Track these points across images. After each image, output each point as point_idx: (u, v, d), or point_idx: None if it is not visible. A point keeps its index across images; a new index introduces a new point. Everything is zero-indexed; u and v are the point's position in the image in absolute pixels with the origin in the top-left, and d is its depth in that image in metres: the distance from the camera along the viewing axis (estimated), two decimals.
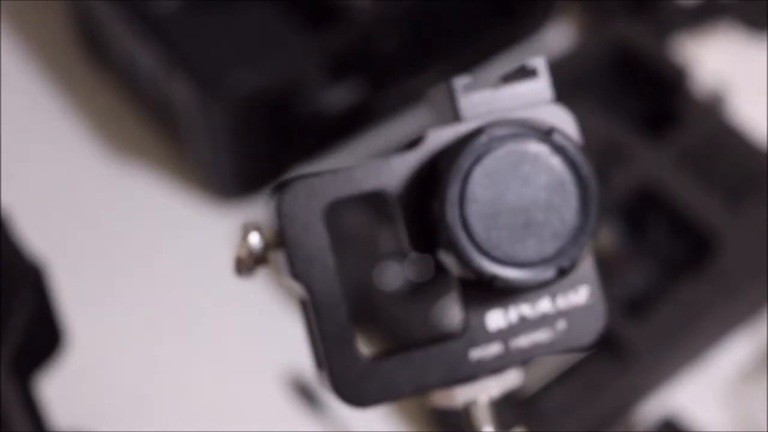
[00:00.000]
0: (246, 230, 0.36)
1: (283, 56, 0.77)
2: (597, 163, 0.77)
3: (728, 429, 0.72)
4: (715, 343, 0.74)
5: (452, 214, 0.34)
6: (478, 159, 0.34)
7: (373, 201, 0.76)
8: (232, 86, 0.74)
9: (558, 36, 0.88)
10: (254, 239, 0.36)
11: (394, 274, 0.74)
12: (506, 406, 0.39)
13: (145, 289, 0.78)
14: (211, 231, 0.80)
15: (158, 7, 0.78)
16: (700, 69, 0.82)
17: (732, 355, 0.74)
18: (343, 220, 0.75)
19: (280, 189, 0.36)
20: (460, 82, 0.36)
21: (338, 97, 0.79)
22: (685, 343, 0.71)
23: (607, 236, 0.75)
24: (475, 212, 0.34)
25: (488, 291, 0.36)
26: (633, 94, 0.81)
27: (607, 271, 0.73)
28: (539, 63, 0.37)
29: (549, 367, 0.70)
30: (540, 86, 0.37)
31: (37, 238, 0.64)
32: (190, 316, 0.77)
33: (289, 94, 0.77)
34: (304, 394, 0.73)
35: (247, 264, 0.37)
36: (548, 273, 0.35)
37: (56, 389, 0.65)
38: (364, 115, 0.81)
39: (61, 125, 0.85)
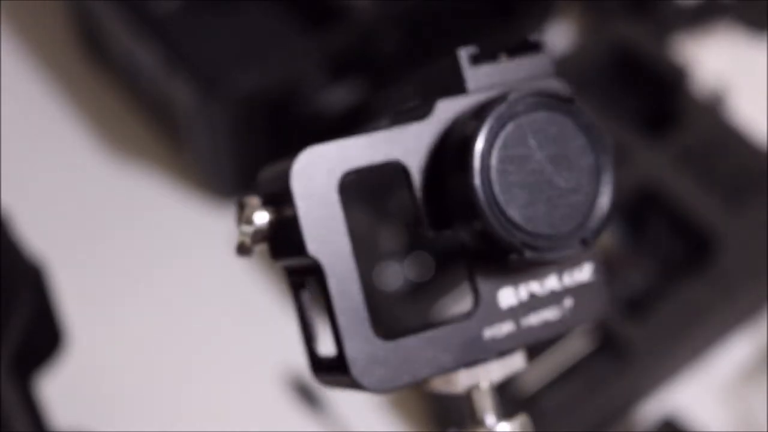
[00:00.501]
0: (250, 209, 0.35)
1: (283, 56, 0.77)
2: None
3: (728, 429, 0.72)
4: (715, 343, 0.74)
5: (479, 184, 0.34)
6: (502, 127, 0.34)
7: (373, 200, 0.76)
8: (232, 86, 0.74)
9: (558, 36, 0.88)
10: (260, 218, 0.35)
11: (394, 274, 0.74)
12: (506, 406, 0.38)
13: (144, 289, 0.78)
14: (210, 231, 0.80)
15: (158, 7, 0.78)
16: (700, 69, 0.82)
17: (732, 355, 0.74)
18: None
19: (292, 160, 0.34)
20: (466, 52, 0.36)
21: (338, 97, 0.79)
22: (685, 343, 0.71)
23: (607, 236, 0.75)
24: (501, 181, 0.34)
25: (500, 268, 0.35)
26: (633, 94, 0.81)
27: (607, 271, 0.74)
28: (541, 38, 0.37)
29: (549, 367, 0.70)
30: (542, 61, 0.37)
31: (37, 238, 0.64)
32: (190, 315, 0.77)
33: (289, 94, 0.77)
34: (304, 394, 0.73)
35: (251, 245, 0.35)
36: (572, 244, 0.35)
37: (56, 389, 0.66)
38: (364, 115, 0.81)
39: (61, 125, 0.85)
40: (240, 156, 0.79)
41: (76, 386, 0.71)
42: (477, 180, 0.33)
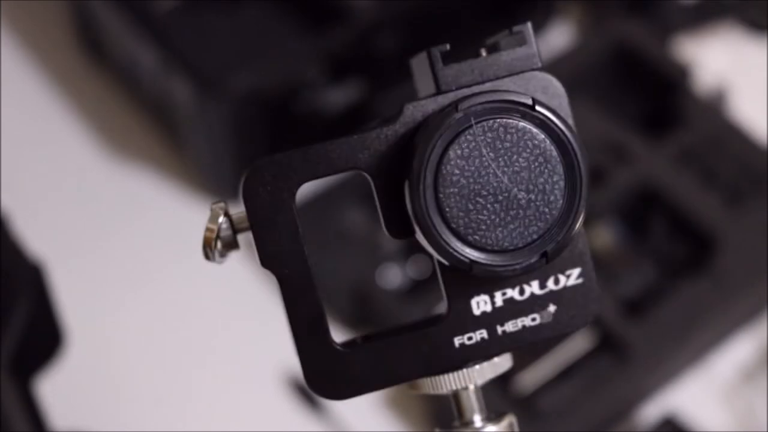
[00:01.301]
0: (214, 213, 0.35)
1: (283, 56, 0.77)
2: (597, 163, 0.76)
3: (728, 429, 0.72)
4: (715, 342, 0.74)
5: (426, 197, 0.32)
6: (454, 136, 0.32)
7: (373, 201, 0.76)
8: (231, 86, 0.74)
9: (558, 36, 0.88)
10: (221, 223, 0.35)
11: (395, 274, 0.74)
12: (505, 405, 0.38)
13: (144, 288, 0.78)
14: None
15: (158, 7, 0.78)
16: (701, 69, 0.82)
17: (732, 355, 0.74)
18: (344, 220, 0.75)
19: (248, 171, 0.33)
20: (440, 50, 0.34)
21: (338, 97, 0.79)
22: (685, 343, 0.71)
23: (607, 236, 0.75)
24: (451, 194, 0.32)
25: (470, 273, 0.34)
26: (633, 94, 0.81)
27: (607, 271, 0.74)
28: (525, 28, 0.34)
29: (549, 367, 0.70)
30: (527, 53, 0.34)
31: (37, 238, 0.64)
32: (190, 315, 0.77)
33: (289, 94, 0.77)
34: (304, 394, 0.73)
35: (216, 248, 0.35)
36: (531, 258, 0.33)
37: (56, 389, 0.65)
38: (364, 115, 0.81)
39: (61, 125, 0.85)
40: (239, 156, 0.79)
41: (76, 386, 0.71)
42: (422, 193, 0.32)
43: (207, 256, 0.35)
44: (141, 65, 0.80)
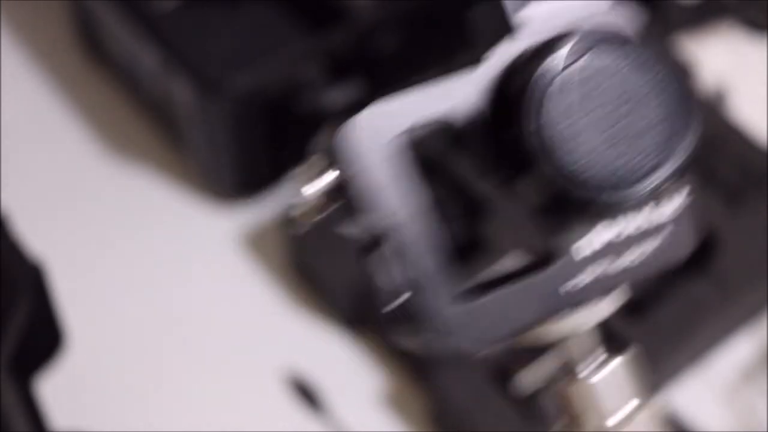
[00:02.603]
0: (318, 166, 0.33)
1: (283, 56, 0.77)
2: None
3: (728, 428, 0.72)
4: (715, 342, 0.74)
5: (537, 138, 0.32)
6: (558, 73, 0.32)
7: None
8: (231, 86, 0.74)
9: None
10: (330, 178, 0.33)
11: None
12: (505, 405, 0.38)
13: (144, 289, 0.78)
14: (210, 231, 0.80)
15: (158, 6, 0.78)
16: (701, 69, 0.82)
17: (732, 355, 0.74)
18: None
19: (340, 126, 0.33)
20: None
21: (338, 97, 0.79)
22: (686, 343, 0.71)
23: None
24: (559, 134, 0.32)
25: (571, 218, 0.34)
26: None
27: None
28: None
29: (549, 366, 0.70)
30: None
31: (37, 238, 0.64)
32: (190, 315, 0.77)
33: (289, 95, 0.77)
34: (304, 394, 0.73)
35: (314, 209, 0.33)
36: (642, 193, 0.32)
37: (56, 389, 0.65)
38: None
39: (61, 125, 0.85)
40: (240, 156, 0.79)
41: (75, 386, 0.71)
42: (533, 140, 0.31)
43: (300, 220, 0.33)
44: (141, 65, 0.80)
